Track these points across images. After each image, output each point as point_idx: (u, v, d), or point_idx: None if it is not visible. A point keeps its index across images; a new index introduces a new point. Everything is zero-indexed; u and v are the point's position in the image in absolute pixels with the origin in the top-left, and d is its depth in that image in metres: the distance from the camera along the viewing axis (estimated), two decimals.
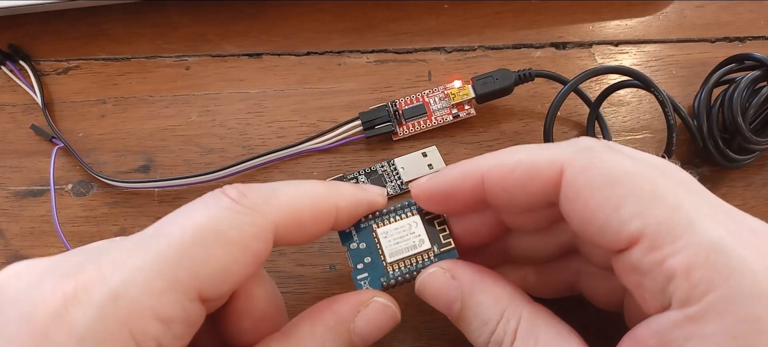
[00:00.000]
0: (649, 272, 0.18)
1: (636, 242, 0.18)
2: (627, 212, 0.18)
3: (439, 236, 0.24)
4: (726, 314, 0.16)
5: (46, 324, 0.16)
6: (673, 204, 0.18)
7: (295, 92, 0.34)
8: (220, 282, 0.19)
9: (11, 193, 0.32)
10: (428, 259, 0.24)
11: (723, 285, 0.16)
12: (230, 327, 0.22)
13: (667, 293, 0.17)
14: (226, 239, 0.19)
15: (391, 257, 0.24)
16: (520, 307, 0.21)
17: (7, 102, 0.34)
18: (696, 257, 0.17)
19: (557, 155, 0.20)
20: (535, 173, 0.20)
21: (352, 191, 0.24)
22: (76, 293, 0.17)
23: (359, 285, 0.23)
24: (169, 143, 0.33)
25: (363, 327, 0.22)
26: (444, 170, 0.23)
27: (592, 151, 0.20)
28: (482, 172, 0.22)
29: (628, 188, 0.18)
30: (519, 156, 0.21)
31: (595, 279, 0.24)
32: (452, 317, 0.22)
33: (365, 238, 0.24)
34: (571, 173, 0.19)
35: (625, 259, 0.19)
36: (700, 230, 0.17)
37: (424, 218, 0.24)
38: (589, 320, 0.23)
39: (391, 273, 0.23)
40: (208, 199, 0.20)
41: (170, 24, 0.36)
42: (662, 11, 0.35)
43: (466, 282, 0.22)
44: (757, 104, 0.29)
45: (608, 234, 0.18)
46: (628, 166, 0.19)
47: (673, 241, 0.17)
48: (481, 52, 0.35)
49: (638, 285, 0.18)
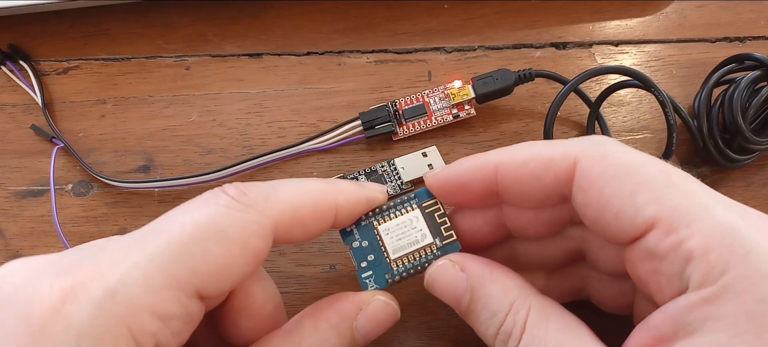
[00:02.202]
0: (666, 255, 0.18)
1: (651, 227, 0.18)
2: (641, 199, 0.18)
3: (440, 229, 0.24)
4: (743, 294, 0.16)
5: (43, 321, 0.16)
6: (687, 191, 0.18)
7: (295, 92, 0.34)
8: (219, 279, 0.19)
9: (11, 193, 0.32)
10: (432, 253, 0.24)
11: (739, 266, 0.16)
12: (229, 324, 0.22)
13: (685, 276, 0.17)
14: (226, 237, 0.19)
15: (395, 253, 0.24)
16: (530, 298, 0.21)
17: (7, 102, 0.34)
18: (712, 238, 0.17)
19: (571, 149, 0.21)
20: (549, 165, 0.21)
21: (351, 188, 0.24)
22: (74, 289, 0.17)
23: (365, 284, 0.23)
24: (169, 143, 0.33)
25: (364, 324, 0.22)
26: (458, 161, 0.24)
27: (605, 145, 0.20)
28: (496, 164, 0.22)
29: (642, 176, 0.19)
30: (533, 149, 0.22)
31: (603, 283, 0.24)
32: (461, 310, 0.22)
33: (367, 235, 0.24)
34: (585, 165, 0.20)
35: (640, 247, 0.19)
36: (714, 214, 0.18)
37: (424, 212, 0.24)
38: (598, 321, 0.23)
39: (396, 270, 0.24)
40: (207, 197, 0.20)
41: (170, 24, 0.36)
42: (662, 11, 0.35)
43: (475, 274, 0.22)
44: (757, 104, 0.29)
45: (624, 221, 0.19)
46: (639, 158, 0.20)
47: (689, 224, 0.17)
48: (481, 52, 0.35)
49: (655, 271, 0.18)
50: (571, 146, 0.21)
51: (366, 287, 0.23)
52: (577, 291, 0.25)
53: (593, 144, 0.20)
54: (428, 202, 0.24)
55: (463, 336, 0.23)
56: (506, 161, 0.22)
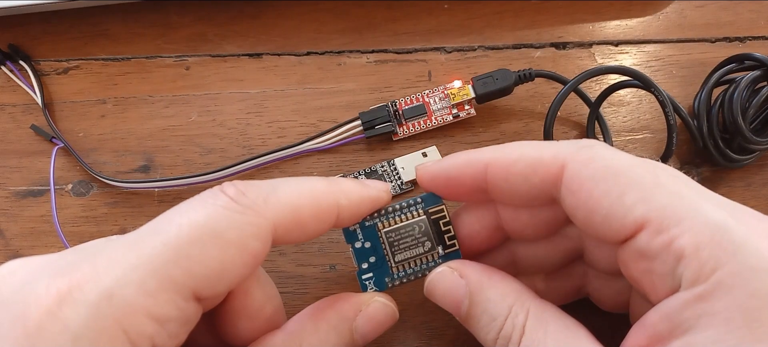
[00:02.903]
0: (658, 255, 0.18)
1: (641, 227, 0.18)
2: (630, 199, 0.18)
3: (444, 238, 0.24)
4: (735, 290, 0.16)
5: (40, 322, 0.16)
6: (675, 190, 0.18)
7: (295, 92, 0.34)
8: (216, 281, 0.19)
9: (11, 193, 0.32)
10: (433, 260, 0.24)
11: (730, 262, 0.17)
12: (227, 325, 0.22)
13: (677, 274, 0.17)
14: (223, 239, 0.19)
15: (397, 258, 0.24)
16: (528, 302, 0.21)
17: (7, 102, 0.34)
18: (702, 236, 0.17)
19: (559, 151, 0.21)
20: (537, 166, 0.21)
21: (355, 188, 0.23)
22: (71, 291, 0.17)
23: (364, 286, 0.23)
24: (169, 143, 0.33)
25: (364, 325, 0.23)
26: (451, 156, 0.24)
27: (593, 148, 0.20)
28: (486, 161, 0.22)
29: (630, 177, 0.19)
30: (522, 149, 0.22)
31: (600, 281, 0.24)
32: (461, 316, 0.22)
33: (370, 237, 0.24)
34: (573, 167, 0.20)
35: (631, 247, 0.19)
36: (704, 212, 0.18)
37: (430, 218, 0.24)
38: (595, 321, 0.23)
39: (397, 274, 0.24)
40: (206, 197, 0.20)
41: (170, 24, 0.36)
42: (662, 11, 0.35)
43: (473, 280, 0.22)
44: (757, 104, 0.29)
45: (614, 222, 0.19)
46: (628, 160, 0.20)
47: (679, 223, 0.18)
48: (481, 52, 0.35)
49: (647, 271, 0.19)
50: (560, 149, 0.21)
51: (365, 288, 0.23)
52: (578, 290, 0.25)
53: (582, 147, 0.21)
54: (434, 208, 0.24)
55: (463, 337, 0.23)
56: (496, 160, 0.22)
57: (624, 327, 0.20)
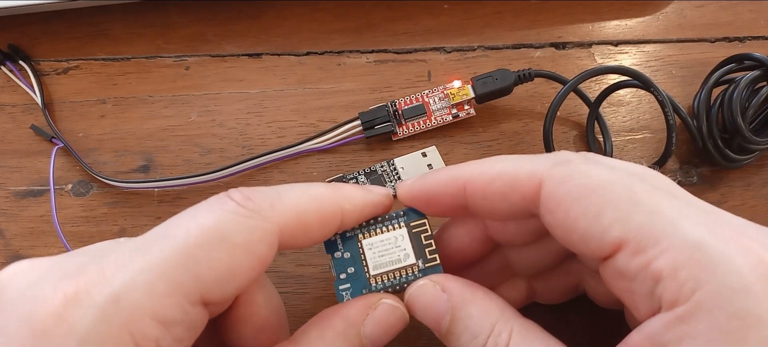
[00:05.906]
0: (637, 276, 0.18)
1: (619, 248, 0.18)
2: (607, 219, 0.18)
3: (425, 251, 0.23)
4: (715, 310, 0.16)
5: (46, 324, 0.16)
6: (651, 208, 0.18)
7: (295, 92, 0.34)
8: (223, 285, 0.19)
9: (11, 193, 0.32)
10: (413, 273, 0.23)
11: (709, 282, 0.16)
12: (231, 333, 0.22)
13: (656, 295, 0.17)
14: (231, 243, 0.19)
15: (375, 269, 0.23)
16: (512, 320, 0.21)
17: (7, 102, 0.34)
18: (680, 256, 0.17)
19: (536, 168, 0.20)
20: (515, 184, 0.21)
21: (358, 193, 0.23)
22: (77, 293, 0.17)
23: (341, 296, 0.23)
24: (169, 143, 0.33)
25: (372, 329, 0.22)
26: (430, 173, 0.23)
27: (569, 164, 0.20)
28: (464, 179, 0.22)
29: (606, 196, 0.18)
30: (500, 167, 0.21)
31: (594, 279, 0.24)
32: (441, 332, 0.22)
33: (350, 248, 0.24)
34: (549, 186, 0.20)
35: (611, 266, 0.19)
36: (681, 231, 0.17)
37: (411, 231, 0.24)
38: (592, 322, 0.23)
39: (374, 286, 0.23)
40: (212, 202, 0.20)
41: (170, 24, 0.36)
42: (662, 11, 0.35)
43: (456, 295, 0.22)
44: (756, 104, 0.29)
45: (591, 243, 0.19)
46: (604, 175, 0.19)
47: (656, 243, 0.17)
48: (481, 52, 0.35)
49: (627, 290, 0.18)
50: (537, 166, 0.20)
51: (342, 299, 0.23)
52: (575, 287, 0.25)
53: (558, 163, 0.20)
54: (416, 222, 0.24)
55: None
56: (474, 179, 0.22)
57: (621, 330, 0.20)
